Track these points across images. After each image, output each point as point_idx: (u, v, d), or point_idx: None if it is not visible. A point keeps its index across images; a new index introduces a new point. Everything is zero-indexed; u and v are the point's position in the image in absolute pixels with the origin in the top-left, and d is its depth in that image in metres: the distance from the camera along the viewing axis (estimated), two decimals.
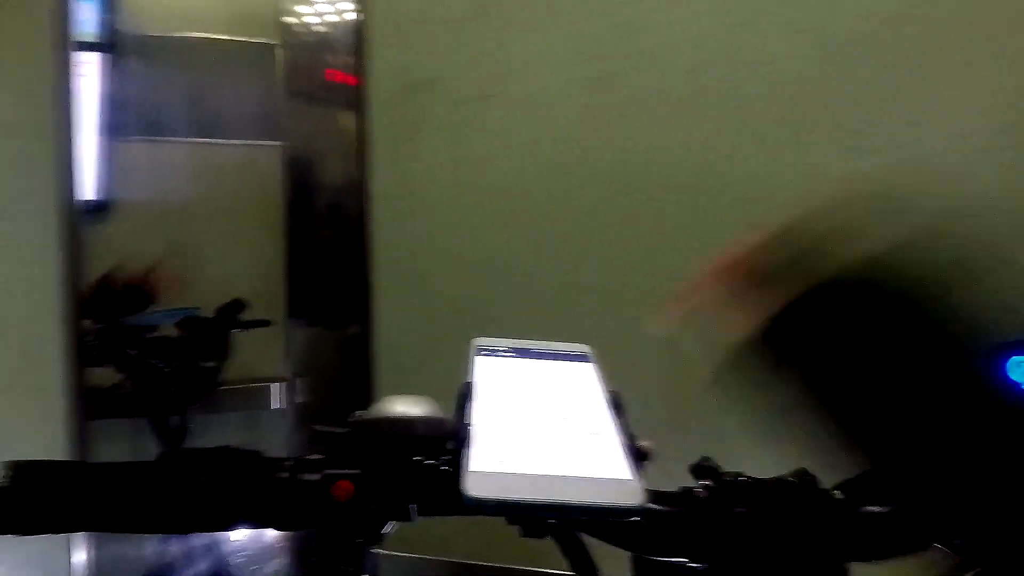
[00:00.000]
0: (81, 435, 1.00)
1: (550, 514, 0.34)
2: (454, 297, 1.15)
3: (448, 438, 0.40)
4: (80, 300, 1.01)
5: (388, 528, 0.41)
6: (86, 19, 1.50)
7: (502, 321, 1.09)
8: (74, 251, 0.97)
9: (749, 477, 0.43)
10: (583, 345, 0.51)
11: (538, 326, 1.08)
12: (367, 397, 1.30)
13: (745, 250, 0.44)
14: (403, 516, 0.40)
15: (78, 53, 1.24)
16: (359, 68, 1.25)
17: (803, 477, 0.43)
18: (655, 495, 0.41)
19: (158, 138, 1.60)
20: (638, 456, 0.38)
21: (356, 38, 1.39)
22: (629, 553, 0.42)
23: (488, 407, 0.40)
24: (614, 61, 1.06)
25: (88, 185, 1.39)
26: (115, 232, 1.46)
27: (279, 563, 1.34)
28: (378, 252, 1.19)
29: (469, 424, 0.38)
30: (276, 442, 1.55)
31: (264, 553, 1.34)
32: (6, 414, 0.89)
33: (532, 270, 1.11)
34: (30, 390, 0.92)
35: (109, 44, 1.54)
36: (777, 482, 0.43)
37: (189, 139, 1.62)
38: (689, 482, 0.44)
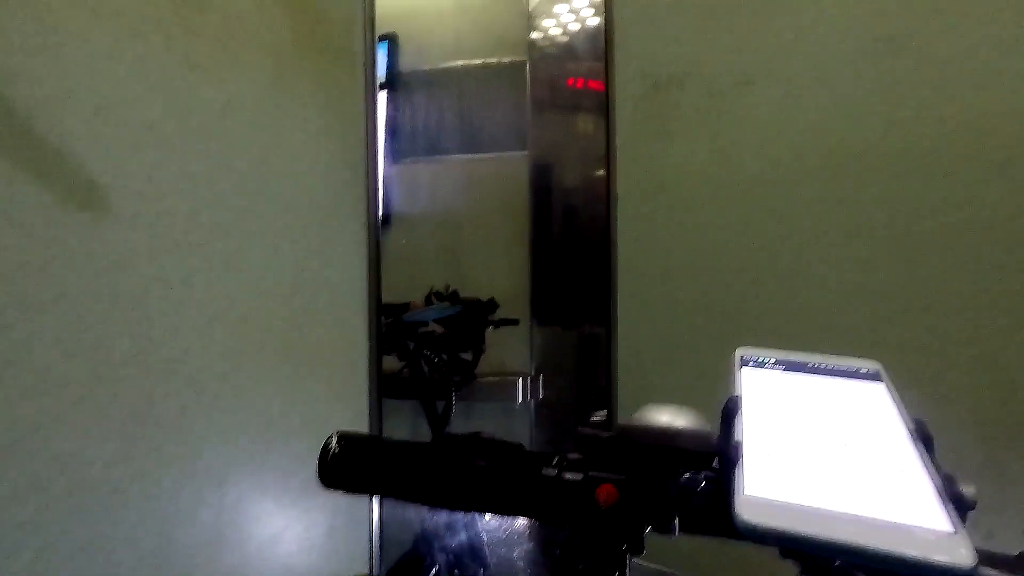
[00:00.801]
0: (378, 409, 1.21)
1: (840, 556, 0.29)
2: (701, 303, 1.09)
3: (715, 455, 0.38)
4: (379, 298, 1.24)
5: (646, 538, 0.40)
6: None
7: (758, 331, 0.99)
8: (376, 258, 1.19)
9: None
10: (872, 361, 0.44)
11: (801, 336, 0.97)
12: (606, 397, 1.32)
13: None
14: (664, 529, 0.38)
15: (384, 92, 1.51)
16: (606, 70, 1.26)
17: None
18: (987, 557, 0.33)
19: (426, 158, 1.84)
20: (959, 503, 0.31)
21: (601, 42, 1.42)
22: None
23: (759, 425, 0.37)
24: (904, 20, 0.88)
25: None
26: (395, 241, 1.72)
27: (526, 549, 1.43)
28: (623, 253, 1.19)
29: (739, 442, 0.35)
30: (521, 433, 1.66)
31: (514, 537, 1.44)
32: (327, 387, 1.11)
33: (795, 272, 0.98)
34: (344, 370, 1.14)
35: (392, 82, 1.83)
36: None
37: (453, 156, 1.84)
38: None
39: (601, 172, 1.47)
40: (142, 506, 0.83)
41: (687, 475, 0.38)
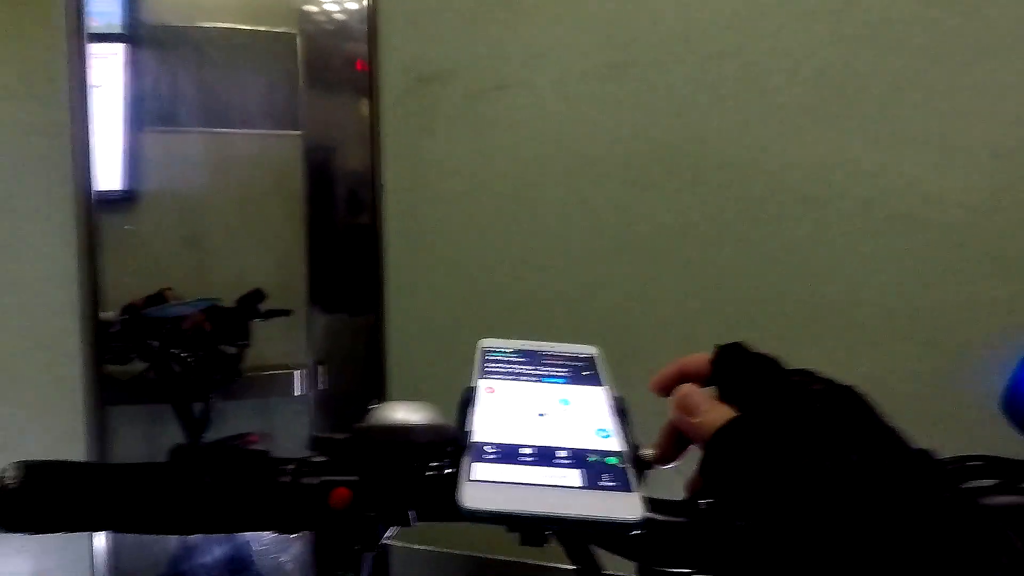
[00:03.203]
0: (99, 424, 1.03)
1: (546, 526, 0.33)
2: (466, 292, 1.14)
3: (449, 444, 0.40)
4: (97, 292, 1.05)
5: (388, 532, 0.41)
6: (109, 11, 1.52)
7: (514, 318, 1.08)
8: (91, 245, 1.00)
9: None
10: (591, 347, 0.50)
11: (551, 324, 1.07)
12: (380, 389, 1.32)
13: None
14: (402, 522, 0.40)
15: (94, 45, 1.26)
16: (370, 59, 1.24)
17: None
18: (657, 505, 0.40)
19: (180, 128, 1.62)
20: (640, 465, 0.38)
21: (369, 29, 1.39)
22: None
23: (489, 412, 0.40)
24: (634, 49, 1.03)
25: (111, 176, 1.42)
26: (139, 221, 1.48)
27: (298, 551, 1.37)
28: (389, 245, 1.19)
29: (469, 431, 0.37)
30: (297, 429, 1.58)
31: (284, 541, 1.37)
32: (29, 407, 0.92)
33: (546, 266, 1.09)
34: (50, 382, 0.95)
35: (132, 35, 1.56)
36: None
37: (210, 129, 1.64)
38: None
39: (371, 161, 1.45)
40: None
41: (422, 468, 0.40)
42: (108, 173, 1.33)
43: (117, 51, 1.55)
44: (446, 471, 0.39)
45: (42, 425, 0.94)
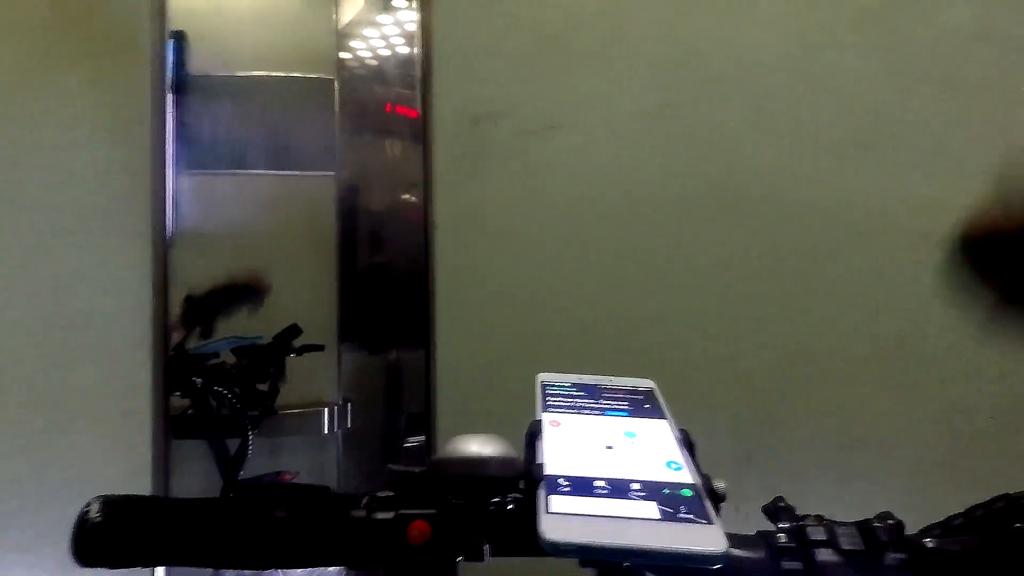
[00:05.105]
0: (165, 457, 1.05)
1: (627, 558, 0.33)
2: (516, 329, 1.14)
3: (520, 477, 0.40)
4: (167, 329, 1.08)
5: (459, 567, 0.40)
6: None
7: (566, 354, 1.08)
8: (163, 284, 1.04)
9: (829, 520, 0.41)
10: (648, 380, 0.50)
11: (604, 360, 1.06)
12: (424, 423, 1.30)
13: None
14: (477, 556, 0.39)
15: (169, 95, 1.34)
16: (423, 101, 1.28)
17: (888, 521, 0.40)
18: (733, 539, 0.40)
19: (218, 171, 1.68)
20: (714, 498, 0.37)
21: (417, 71, 1.44)
22: None
23: (558, 446, 0.40)
24: (683, 89, 1.05)
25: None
26: (182, 262, 1.53)
27: None
28: (442, 281, 1.20)
29: (541, 464, 0.37)
30: (325, 467, 1.57)
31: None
32: (96, 439, 0.94)
33: (597, 302, 1.09)
34: (119, 415, 0.97)
35: (180, 85, 1.65)
36: (861, 527, 0.40)
37: (251, 171, 1.69)
38: (763, 524, 0.42)
39: (409, 197, 1.48)
40: None
41: (496, 501, 0.39)
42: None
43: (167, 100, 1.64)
44: (519, 505, 0.39)
45: (114, 458, 0.96)
